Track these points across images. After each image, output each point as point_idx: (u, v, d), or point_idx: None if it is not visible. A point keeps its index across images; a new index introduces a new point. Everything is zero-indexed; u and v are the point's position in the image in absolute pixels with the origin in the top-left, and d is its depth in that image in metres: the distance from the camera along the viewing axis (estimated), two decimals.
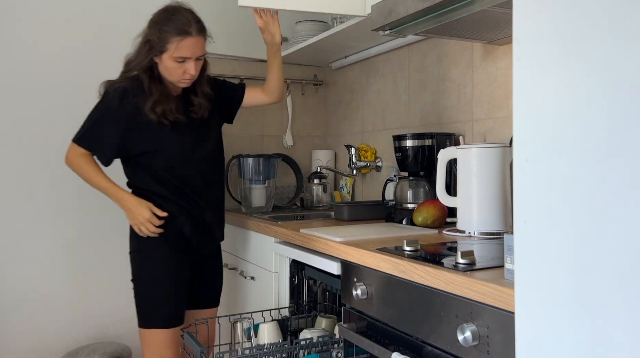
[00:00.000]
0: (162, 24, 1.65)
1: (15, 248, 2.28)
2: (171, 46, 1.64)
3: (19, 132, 2.29)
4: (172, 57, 1.65)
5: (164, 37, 1.64)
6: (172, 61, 1.66)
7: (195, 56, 1.68)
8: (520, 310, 0.80)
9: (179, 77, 1.70)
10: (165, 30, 1.64)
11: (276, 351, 1.50)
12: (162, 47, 1.65)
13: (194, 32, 1.66)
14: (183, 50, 1.65)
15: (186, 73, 1.69)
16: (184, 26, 1.65)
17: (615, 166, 0.67)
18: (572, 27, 0.72)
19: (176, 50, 1.64)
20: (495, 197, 1.49)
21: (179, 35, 1.64)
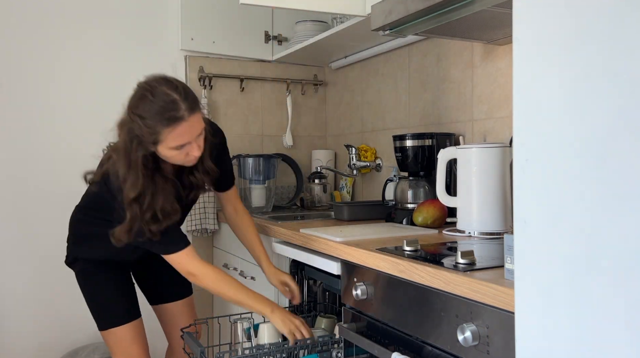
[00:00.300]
0: (144, 114, 1.37)
1: (15, 248, 2.28)
2: (163, 137, 1.38)
3: (17, 131, 2.30)
4: (169, 147, 1.41)
5: (151, 130, 1.37)
6: (169, 150, 1.42)
7: (194, 137, 1.44)
8: (520, 310, 0.80)
9: (182, 161, 1.48)
10: (150, 123, 1.37)
11: (276, 351, 1.50)
12: (153, 140, 1.39)
13: (185, 114, 1.38)
14: (179, 138, 1.40)
15: (189, 155, 1.46)
16: (170, 112, 1.37)
17: (615, 166, 0.67)
18: (572, 27, 0.72)
19: (171, 141, 1.39)
20: (495, 197, 1.49)
21: (169, 126, 1.37)
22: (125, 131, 1.42)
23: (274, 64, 2.74)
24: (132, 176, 1.42)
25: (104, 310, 1.69)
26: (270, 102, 2.75)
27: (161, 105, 1.37)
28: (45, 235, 2.31)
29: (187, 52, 2.55)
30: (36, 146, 2.32)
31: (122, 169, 1.43)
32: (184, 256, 1.53)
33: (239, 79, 2.63)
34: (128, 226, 1.44)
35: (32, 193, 2.31)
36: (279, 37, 2.70)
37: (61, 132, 2.36)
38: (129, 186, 1.42)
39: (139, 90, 1.42)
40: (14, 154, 2.28)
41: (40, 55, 2.32)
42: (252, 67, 2.69)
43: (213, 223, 2.44)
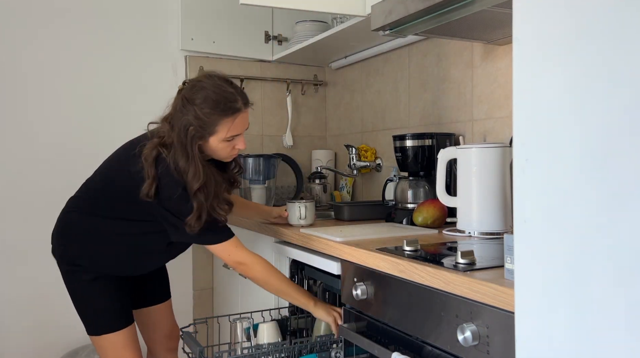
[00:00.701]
0: (203, 104, 1.43)
1: (15, 248, 2.28)
2: (221, 128, 1.45)
3: (13, 131, 2.30)
4: (222, 139, 1.47)
5: (211, 120, 1.43)
6: (220, 142, 1.48)
7: (245, 129, 1.53)
8: (520, 310, 0.80)
9: (228, 154, 1.54)
10: (210, 112, 1.43)
11: (275, 351, 1.50)
12: (210, 131, 1.45)
13: (242, 106, 1.48)
14: (235, 129, 1.47)
15: (235, 149, 1.53)
16: (231, 103, 1.45)
17: (615, 166, 0.67)
18: (572, 27, 0.72)
19: (228, 131, 1.46)
20: (495, 197, 1.49)
21: (231, 116, 1.45)
22: (180, 121, 1.45)
23: (274, 64, 2.74)
24: (192, 167, 1.45)
25: (98, 314, 1.62)
26: (270, 102, 2.75)
27: (222, 96, 1.44)
28: (45, 235, 2.31)
29: (187, 52, 2.55)
30: (36, 146, 2.31)
31: (182, 161, 1.45)
32: (233, 246, 1.54)
33: (239, 79, 2.63)
34: (197, 214, 1.46)
35: (29, 193, 2.30)
36: (279, 37, 2.70)
37: (61, 132, 2.35)
38: (191, 177, 1.45)
39: (195, 82, 1.49)
40: (12, 155, 2.28)
41: (40, 55, 2.32)
42: (252, 67, 2.69)
43: None
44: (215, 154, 1.52)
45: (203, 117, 1.43)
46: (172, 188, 1.46)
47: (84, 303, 1.64)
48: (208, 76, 1.51)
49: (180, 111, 1.46)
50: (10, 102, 2.28)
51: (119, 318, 1.63)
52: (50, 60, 2.35)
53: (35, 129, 2.31)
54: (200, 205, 1.46)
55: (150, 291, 1.86)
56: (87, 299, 1.63)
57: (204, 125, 1.44)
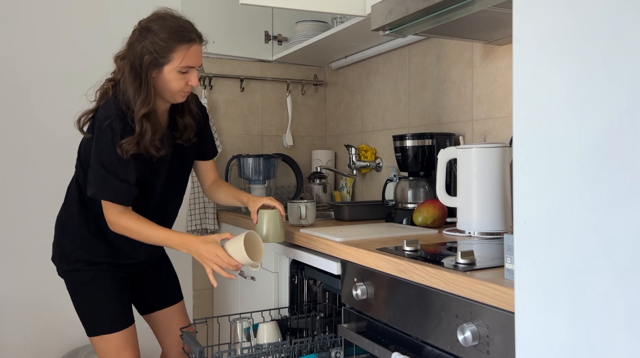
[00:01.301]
0: (161, 31, 1.47)
1: (15, 248, 2.28)
2: (177, 55, 1.47)
3: (12, 131, 2.29)
4: (176, 68, 1.49)
5: (167, 46, 1.46)
6: (175, 72, 1.49)
7: (199, 65, 1.55)
8: (520, 310, 0.80)
9: (181, 89, 1.53)
10: (167, 37, 1.46)
11: (275, 351, 1.50)
12: (165, 58, 1.47)
13: (197, 38, 1.52)
14: (190, 59, 1.49)
15: (188, 85, 1.54)
16: (188, 32, 1.49)
17: (615, 166, 0.67)
18: (573, 27, 0.72)
19: (183, 60, 1.48)
20: (495, 197, 1.49)
21: (187, 43, 1.48)
22: (136, 49, 1.48)
23: (274, 64, 2.74)
24: (143, 92, 1.48)
25: (98, 315, 1.62)
26: (270, 102, 2.75)
27: (179, 25, 1.49)
28: (45, 234, 2.31)
29: None
30: (35, 147, 2.31)
31: (132, 87, 1.48)
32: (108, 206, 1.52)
33: (239, 79, 2.63)
34: (136, 139, 1.48)
35: (28, 195, 2.30)
36: (279, 37, 2.70)
37: (60, 133, 2.35)
38: (140, 102, 1.47)
39: (155, 14, 1.52)
40: (11, 156, 2.28)
41: (39, 55, 2.32)
42: (252, 67, 2.69)
43: (213, 223, 2.44)
44: (168, 86, 1.51)
45: (160, 42, 1.46)
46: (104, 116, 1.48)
47: (83, 303, 1.64)
48: (164, 9, 1.54)
49: (137, 41, 1.49)
50: (9, 103, 2.28)
51: (118, 319, 1.63)
52: (49, 60, 2.35)
53: (35, 131, 2.31)
54: (144, 131, 1.48)
55: (157, 296, 1.84)
56: (86, 300, 1.63)
57: (160, 51, 1.46)
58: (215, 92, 2.60)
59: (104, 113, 1.50)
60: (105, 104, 1.53)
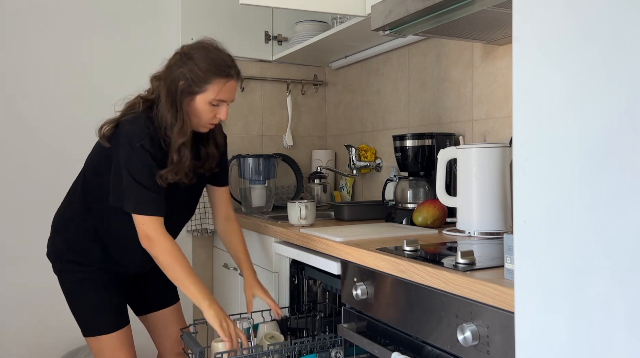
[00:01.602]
0: (201, 61, 1.48)
1: (15, 248, 2.28)
2: (212, 88, 1.48)
3: (13, 131, 2.29)
4: (209, 100, 1.49)
5: (205, 76, 1.47)
6: (207, 104, 1.50)
7: (231, 99, 1.55)
8: (520, 310, 0.80)
9: (208, 121, 1.54)
10: (206, 69, 1.47)
11: (275, 351, 1.50)
12: (200, 87, 1.48)
13: (235, 75, 1.52)
14: (224, 94, 1.51)
15: (216, 118, 1.54)
16: (228, 68, 1.50)
17: (615, 166, 0.67)
18: (573, 27, 0.72)
19: (218, 93, 1.49)
20: (495, 197, 1.49)
21: (224, 78, 1.49)
22: (174, 74, 1.49)
23: (274, 64, 2.74)
24: (180, 121, 1.49)
25: (92, 316, 1.61)
26: (270, 102, 2.75)
27: (220, 57, 1.51)
28: (45, 234, 2.31)
29: None
30: (32, 148, 2.32)
31: (169, 113, 1.48)
32: (152, 221, 1.50)
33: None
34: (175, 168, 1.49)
35: (26, 195, 2.30)
36: (279, 37, 2.70)
37: (58, 134, 2.35)
38: (177, 131, 1.48)
39: (198, 42, 1.54)
40: (11, 154, 2.28)
41: (39, 55, 2.32)
42: (252, 67, 2.69)
43: (213, 223, 2.45)
44: (197, 116, 1.52)
45: (198, 72, 1.47)
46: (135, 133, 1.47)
47: (77, 304, 1.62)
48: (210, 40, 1.56)
49: (175, 65, 1.50)
50: (8, 104, 2.28)
51: (111, 320, 1.61)
52: (50, 60, 2.35)
53: (32, 131, 2.31)
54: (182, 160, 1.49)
55: (153, 297, 1.83)
56: (79, 300, 1.62)
57: (197, 80, 1.47)
58: None
59: (134, 129, 1.49)
60: (134, 119, 1.50)
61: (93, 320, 1.61)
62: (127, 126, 1.50)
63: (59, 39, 2.36)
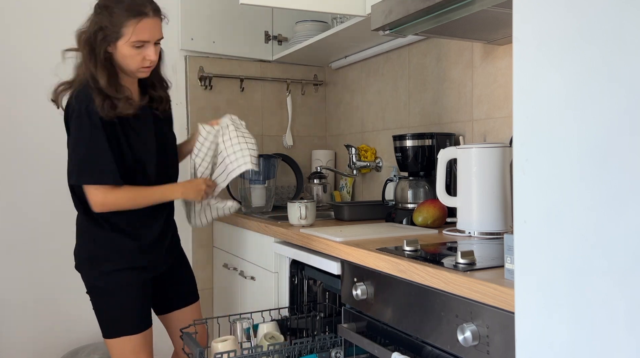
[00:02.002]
0: (113, 7, 1.50)
1: (15, 248, 2.28)
2: (127, 30, 1.50)
3: (13, 131, 2.29)
4: (129, 43, 1.51)
5: (118, 21, 1.49)
6: (129, 47, 1.52)
7: (155, 39, 1.56)
8: (520, 310, 0.80)
9: (138, 64, 1.56)
10: (118, 13, 1.49)
11: (275, 351, 1.50)
12: (117, 33, 1.50)
13: (150, 12, 1.53)
14: (141, 33, 1.51)
15: (145, 59, 1.56)
16: (138, 7, 1.51)
17: (615, 166, 0.67)
18: (573, 27, 0.72)
19: (133, 34, 1.50)
20: (495, 197, 1.49)
21: (135, 17, 1.50)
22: (90, 27, 1.53)
23: (274, 64, 2.74)
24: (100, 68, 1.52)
25: (118, 316, 1.61)
26: (270, 102, 2.75)
27: (131, 0, 1.51)
28: (45, 234, 2.31)
29: (187, 52, 2.55)
30: (35, 145, 2.31)
31: (91, 63, 1.53)
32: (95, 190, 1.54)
33: (239, 79, 2.63)
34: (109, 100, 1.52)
35: (30, 194, 2.30)
36: (279, 37, 2.70)
37: (60, 132, 2.35)
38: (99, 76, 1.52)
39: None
40: (14, 154, 2.28)
41: (38, 53, 2.32)
42: (252, 67, 2.69)
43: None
44: (125, 62, 1.55)
45: (111, 18, 1.49)
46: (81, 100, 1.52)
47: (107, 307, 1.62)
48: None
49: (92, 19, 1.54)
50: (8, 103, 2.28)
51: (140, 321, 1.63)
52: (49, 59, 2.35)
53: (36, 129, 2.31)
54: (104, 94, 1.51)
55: (174, 296, 1.83)
56: (110, 303, 1.62)
57: (110, 26, 1.49)
58: (215, 92, 2.60)
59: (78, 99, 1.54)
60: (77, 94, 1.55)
61: (121, 321, 1.61)
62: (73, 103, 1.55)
63: (57, 37, 2.36)
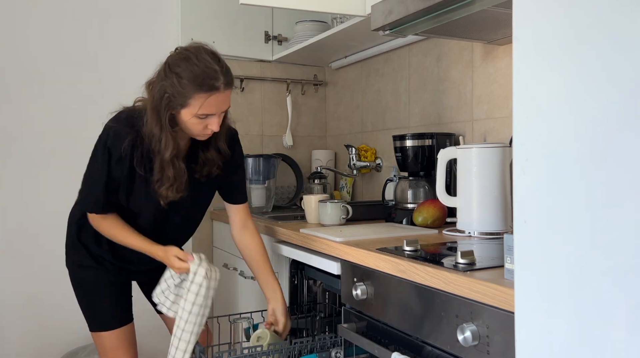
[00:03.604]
0: (183, 74, 1.38)
1: (15, 248, 2.28)
2: (194, 102, 1.39)
3: (13, 131, 2.30)
4: (193, 114, 1.41)
5: (185, 91, 1.39)
6: (192, 117, 1.42)
7: (221, 111, 1.46)
8: (520, 310, 0.80)
9: (199, 132, 1.47)
10: (185, 83, 1.38)
11: (275, 351, 1.50)
12: (182, 102, 1.40)
13: (222, 86, 1.40)
14: (208, 107, 1.41)
15: (208, 128, 1.46)
16: (210, 80, 1.38)
17: (615, 165, 0.67)
18: (573, 27, 0.72)
19: (201, 108, 1.40)
20: (495, 197, 1.49)
21: (206, 92, 1.39)
22: (157, 88, 1.43)
23: (274, 64, 2.74)
24: (164, 135, 1.45)
25: (95, 311, 1.66)
26: (270, 102, 2.75)
27: (203, 70, 1.39)
28: (44, 234, 2.31)
29: None
30: (34, 144, 2.31)
31: (155, 126, 1.45)
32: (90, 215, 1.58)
33: (239, 79, 2.63)
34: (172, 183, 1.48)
35: (27, 194, 2.30)
36: (279, 37, 2.70)
37: (59, 131, 2.35)
38: (164, 144, 1.45)
39: (183, 52, 1.44)
40: (11, 154, 2.28)
41: (39, 53, 2.32)
42: (252, 67, 2.69)
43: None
44: (187, 129, 1.47)
45: (178, 86, 1.39)
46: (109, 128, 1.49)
47: (84, 299, 1.67)
48: (197, 47, 1.45)
49: (160, 77, 1.44)
50: (8, 102, 2.28)
51: (114, 318, 1.66)
52: (50, 59, 2.35)
53: (33, 128, 2.31)
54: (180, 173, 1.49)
55: None
56: (87, 295, 1.66)
57: (177, 95, 1.40)
58: None
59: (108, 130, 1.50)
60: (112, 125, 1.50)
61: (97, 316, 1.65)
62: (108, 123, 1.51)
63: (57, 37, 2.36)
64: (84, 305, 1.68)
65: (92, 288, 1.66)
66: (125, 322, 1.68)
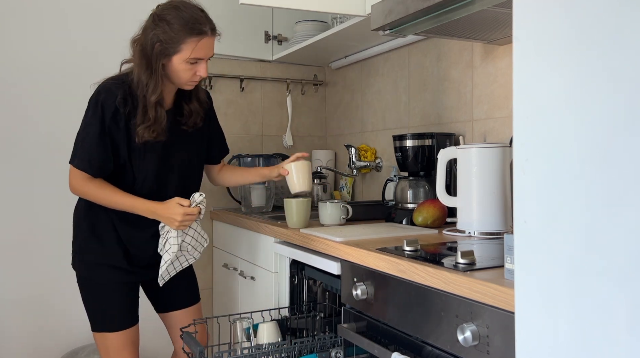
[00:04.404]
0: (173, 21, 1.50)
1: (15, 248, 2.28)
2: (186, 47, 1.51)
3: (13, 131, 2.29)
4: (185, 59, 1.53)
5: (177, 37, 1.50)
6: (184, 63, 1.53)
7: (208, 56, 1.58)
8: (520, 310, 0.80)
9: (189, 79, 1.58)
10: (177, 28, 1.49)
11: (275, 351, 1.50)
12: (175, 48, 1.51)
13: (209, 31, 1.54)
14: (199, 51, 1.53)
15: (196, 75, 1.58)
16: (199, 25, 1.51)
17: (615, 165, 0.67)
18: (572, 27, 0.72)
19: (193, 52, 1.52)
20: (495, 197, 1.49)
21: (197, 36, 1.51)
22: (148, 36, 1.52)
23: (274, 64, 2.74)
24: (153, 81, 1.54)
25: (101, 311, 1.64)
26: (270, 102, 2.75)
27: (191, 16, 1.51)
28: (44, 234, 2.31)
29: None
30: (33, 144, 2.31)
31: (144, 74, 1.54)
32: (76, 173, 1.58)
33: (239, 79, 2.63)
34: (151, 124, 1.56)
35: (30, 194, 2.30)
36: (279, 37, 2.70)
37: (60, 131, 2.35)
38: (151, 89, 1.54)
39: (169, 3, 1.55)
40: (10, 153, 2.28)
41: (39, 53, 2.32)
42: (252, 67, 2.69)
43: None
44: (176, 75, 1.56)
45: (171, 33, 1.50)
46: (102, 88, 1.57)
47: (89, 299, 1.66)
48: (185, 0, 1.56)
49: (149, 28, 1.53)
50: (8, 101, 2.28)
51: (121, 319, 1.65)
52: (50, 59, 2.35)
53: (35, 128, 2.31)
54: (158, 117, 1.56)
55: (175, 296, 1.83)
56: (93, 296, 1.65)
57: (170, 41, 1.50)
58: (215, 92, 2.60)
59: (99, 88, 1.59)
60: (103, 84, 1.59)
61: (105, 316, 1.64)
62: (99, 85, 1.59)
63: (57, 37, 2.36)
64: (91, 305, 1.66)
65: (103, 287, 1.64)
66: (132, 323, 1.67)
